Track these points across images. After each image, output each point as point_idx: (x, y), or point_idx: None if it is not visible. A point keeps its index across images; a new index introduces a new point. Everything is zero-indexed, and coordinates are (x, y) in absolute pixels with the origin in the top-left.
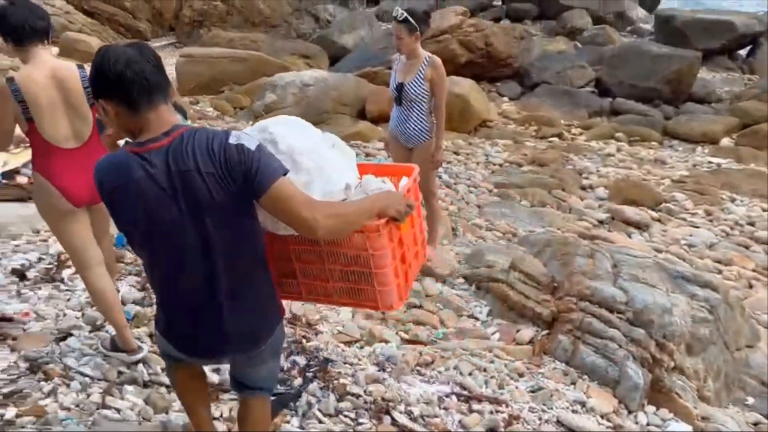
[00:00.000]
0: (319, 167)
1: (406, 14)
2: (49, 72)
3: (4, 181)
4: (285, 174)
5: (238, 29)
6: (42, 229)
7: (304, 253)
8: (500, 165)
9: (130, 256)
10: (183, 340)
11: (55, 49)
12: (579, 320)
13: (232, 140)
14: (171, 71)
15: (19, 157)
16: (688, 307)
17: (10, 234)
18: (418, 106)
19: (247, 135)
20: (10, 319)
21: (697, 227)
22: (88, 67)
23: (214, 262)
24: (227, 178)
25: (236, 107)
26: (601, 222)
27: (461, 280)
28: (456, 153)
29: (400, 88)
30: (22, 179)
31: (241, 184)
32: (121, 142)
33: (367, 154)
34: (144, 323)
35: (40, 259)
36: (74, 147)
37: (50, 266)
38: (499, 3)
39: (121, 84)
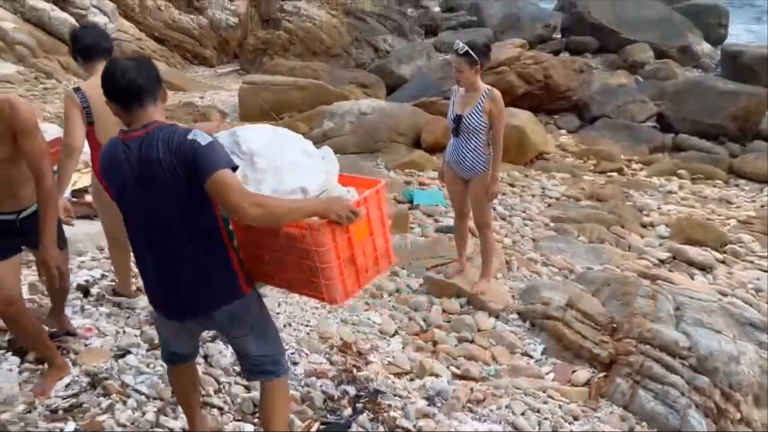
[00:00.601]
0: (275, 168)
1: (466, 47)
2: None
3: (73, 199)
4: (232, 168)
5: (299, 58)
6: (106, 247)
7: (268, 242)
8: (557, 198)
9: None
10: (153, 295)
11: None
12: (639, 364)
13: (189, 137)
14: (234, 97)
15: (88, 176)
16: (757, 356)
17: (76, 250)
18: (476, 137)
19: (204, 135)
20: (73, 334)
21: (766, 271)
22: None
23: (169, 234)
24: (180, 167)
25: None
26: (662, 261)
27: (515, 315)
28: (512, 185)
29: (458, 119)
30: (89, 198)
31: (189, 171)
32: None
33: (421, 183)
34: None
35: (103, 276)
36: None
37: (112, 283)
38: (559, 36)
39: (115, 89)
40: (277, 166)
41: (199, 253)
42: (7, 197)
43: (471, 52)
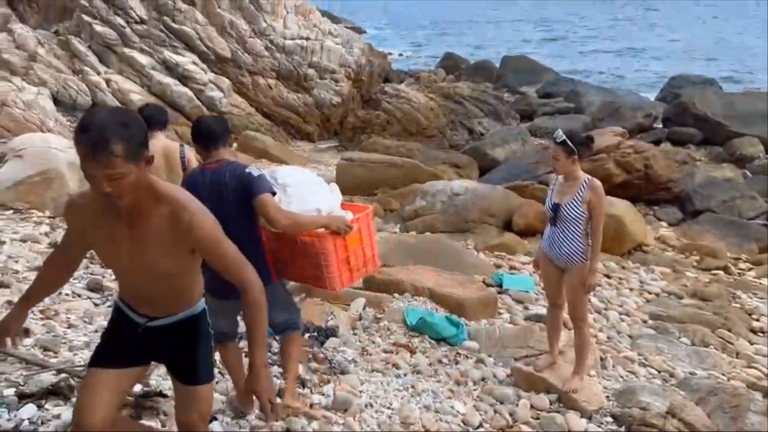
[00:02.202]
0: (300, 195)
1: (564, 136)
2: (160, 147)
3: None
4: (272, 193)
5: (396, 137)
6: None
7: (288, 247)
8: (657, 294)
9: None
10: (212, 282)
11: (234, 145)
12: None
13: (246, 170)
14: (332, 171)
15: None
16: None
17: None
18: (574, 227)
19: (256, 169)
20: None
21: None
22: (187, 147)
23: (228, 231)
24: (239, 188)
25: (386, 209)
26: None
27: (609, 419)
28: (607, 276)
29: (556, 208)
30: None
31: (244, 191)
32: None
33: (512, 267)
34: None
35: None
36: None
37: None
38: (660, 126)
39: (200, 135)
40: (301, 193)
41: (245, 246)
42: (146, 303)
43: (568, 142)
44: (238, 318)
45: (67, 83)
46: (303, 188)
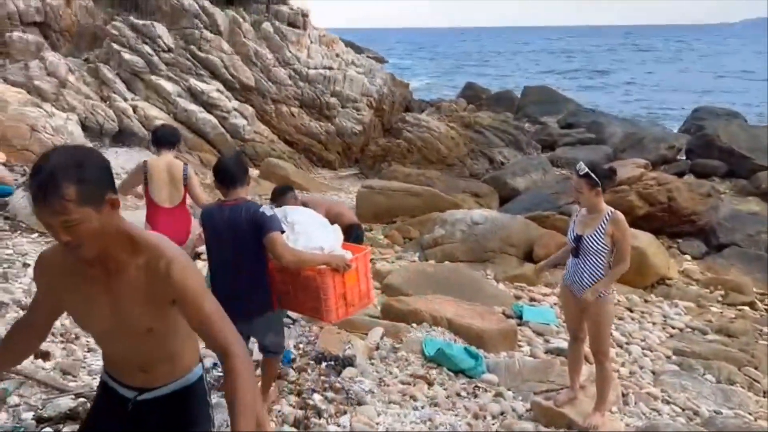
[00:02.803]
0: (306, 233)
1: (587, 169)
2: (165, 163)
3: None
4: (281, 231)
5: (416, 165)
6: None
7: (291, 281)
8: (680, 329)
9: None
10: (223, 302)
11: (256, 172)
12: None
13: (260, 210)
14: (352, 199)
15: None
16: None
17: None
18: (596, 260)
19: (270, 209)
20: None
21: None
22: (189, 167)
23: (241, 262)
24: (252, 225)
25: (406, 238)
26: None
27: None
28: (630, 309)
29: (578, 240)
30: (199, 263)
31: (257, 228)
32: None
33: (532, 299)
34: None
35: (214, 365)
36: (168, 207)
37: (221, 374)
38: (683, 158)
39: (220, 175)
40: (308, 232)
41: (254, 276)
42: (132, 371)
43: (592, 174)
44: (248, 345)
45: (95, 109)
46: (309, 227)
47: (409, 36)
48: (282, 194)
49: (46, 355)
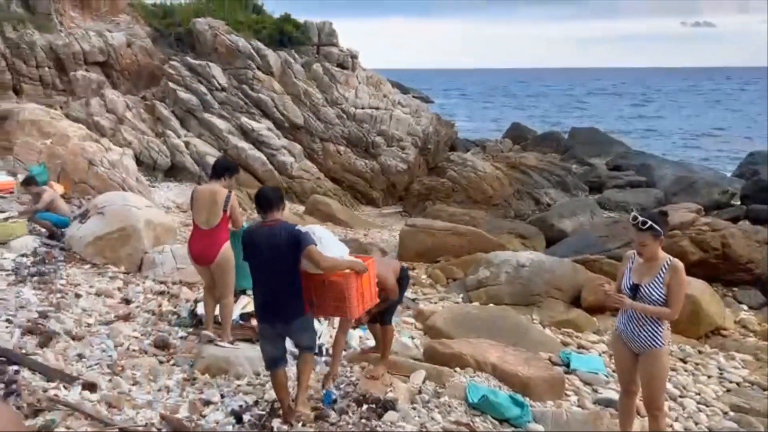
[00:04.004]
0: (328, 246)
1: (649, 222)
2: (209, 190)
3: (240, 321)
4: (315, 244)
5: (460, 205)
6: (262, 372)
7: (316, 287)
8: (737, 383)
9: None
10: (261, 311)
11: (302, 208)
12: None
13: (296, 228)
14: (395, 237)
15: (250, 303)
16: None
17: (236, 373)
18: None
19: (305, 229)
20: None
21: None
22: (233, 195)
23: (280, 274)
24: (290, 242)
25: (449, 278)
26: None
27: None
28: (683, 360)
29: (635, 289)
30: (254, 322)
31: (296, 244)
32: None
33: (580, 346)
34: None
35: (256, 403)
36: (204, 229)
37: (263, 412)
38: (738, 203)
39: (260, 201)
40: (329, 245)
41: (290, 284)
42: None
43: (655, 226)
44: (284, 347)
45: (149, 145)
46: (329, 241)
47: (455, 76)
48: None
49: (92, 387)
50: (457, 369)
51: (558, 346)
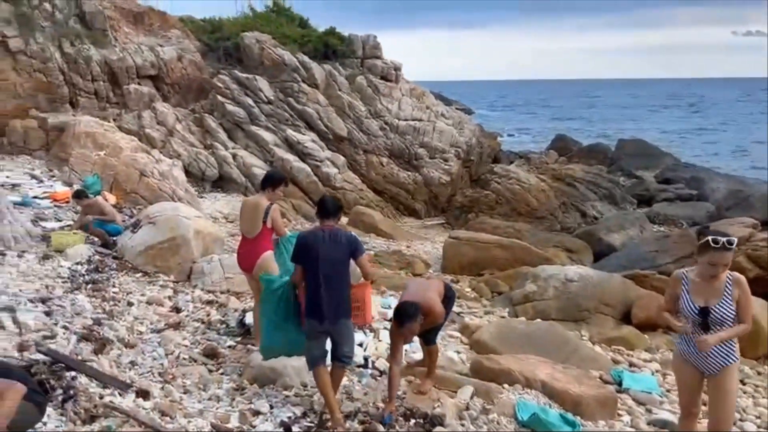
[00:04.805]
0: None
1: (735, 239)
2: (253, 202)
3: None
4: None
5: (504, 217)
6: (309, 384)
7: None
8: None
9: None
10: (314, 308)
11: (345, 219)
12: None
13: (353, 234)
14: (438, 249)
15: None
16: None
17: (283, 383)
18: (726, 328)
19: (356, 236)
20: None
21: None
22: (274, 206)
23: (336, 275)
24: (349, 246)
25: (494, 292)
26: None
27: None
28: (742, 382)
29: (705, 312)
30: None
31: (353, 250)
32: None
33: (631, 364)
34: None
35: (304, 414)
36: (248, 237)
37: (311, 424)
38: None
39: (321, 209)
40: None
41: (343, 285)
42: None
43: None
44: (326, 344)
45: (198, 156)
46: None
47: (499, 87)
48: None
49: (145, 394)
50: (506, 385)
51: (609, 364)
